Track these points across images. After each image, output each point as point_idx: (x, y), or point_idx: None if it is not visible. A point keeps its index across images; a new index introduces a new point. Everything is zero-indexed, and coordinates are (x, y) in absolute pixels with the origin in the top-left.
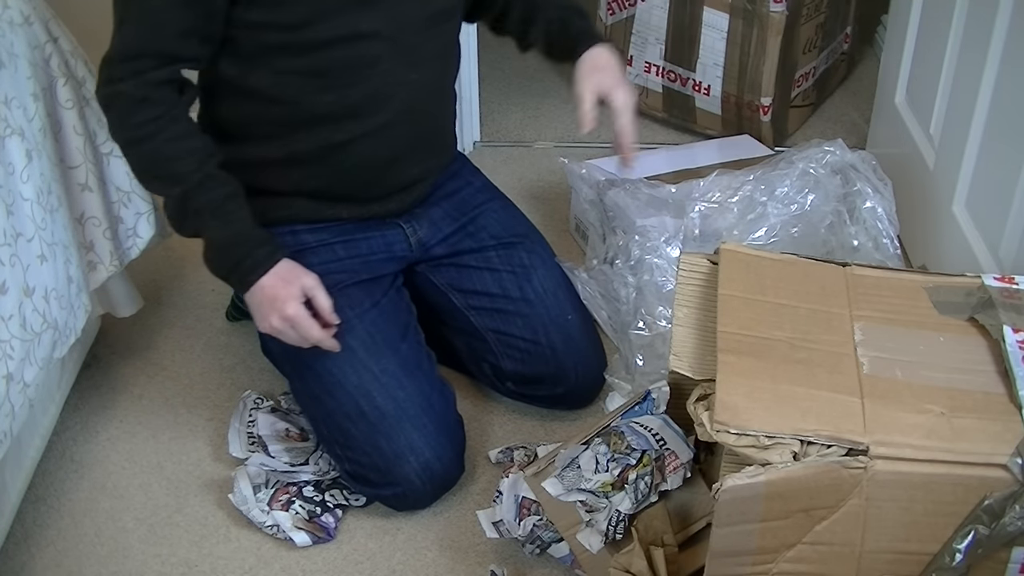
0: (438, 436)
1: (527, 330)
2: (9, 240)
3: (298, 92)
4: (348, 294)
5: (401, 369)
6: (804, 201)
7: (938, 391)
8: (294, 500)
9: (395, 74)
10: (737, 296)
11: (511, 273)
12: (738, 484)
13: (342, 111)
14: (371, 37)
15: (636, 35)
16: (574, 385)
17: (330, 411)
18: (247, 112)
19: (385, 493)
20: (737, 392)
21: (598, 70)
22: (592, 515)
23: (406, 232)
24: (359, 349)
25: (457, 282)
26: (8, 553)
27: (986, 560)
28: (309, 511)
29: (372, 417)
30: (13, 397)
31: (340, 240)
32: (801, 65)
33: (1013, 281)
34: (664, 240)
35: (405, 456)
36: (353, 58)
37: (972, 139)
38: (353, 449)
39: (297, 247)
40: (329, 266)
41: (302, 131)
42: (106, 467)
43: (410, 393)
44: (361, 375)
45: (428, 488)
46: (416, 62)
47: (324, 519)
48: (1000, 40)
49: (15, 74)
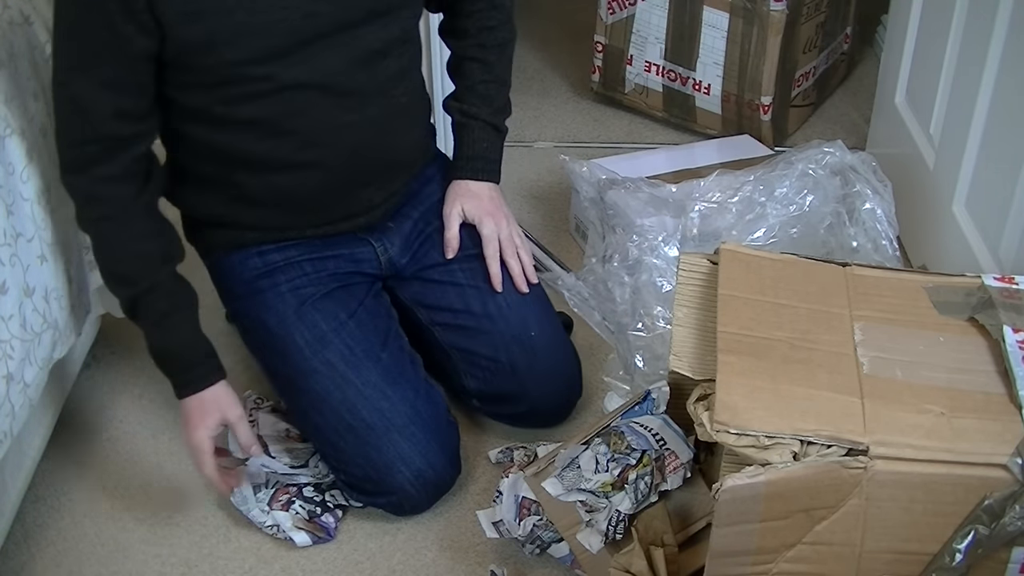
0: (428, 443)
1: (488, 347)
2: (9, 240)
3: (232, 141)
4: (322, 308)
5: (384, 379)
6: (803, 202)
7: (938, 391)
8: (294, 500)
9: (329, 120)
10: (737, 296)
11: (475, 288)
12: (738, 484)
13: (280, 159)
14: (294, 88)
15: (636, 34)
16: (536, 404)
17: (318, 426)
18: (192, 156)
19: (381, 501)
20: (737, 392)
21: (471, 197)
22: (592, 515)
23: (376, 251)
24: (339, 364)
25: (422, 297)
26: (8, 553)
27: (986, 560)
28: (309, 511)
29: (360, 431)
30: (13, 397)
31: (308, 258)
32: (801, 65)
33: (1013, 281)
34: (662, 240)
35: (396, 467)
36: (279, 109)
37: (972, 139)
38: (345, 462)
39: (265, 268)
40: (297, 282)
41: (245, 175)
42: (106, 467)
43: (395, 403)
44: (344, 390)
45: (423, 495)
46: (352, 106)
47: (324, 519)
48: (1000, 40)
49: (15, 74)
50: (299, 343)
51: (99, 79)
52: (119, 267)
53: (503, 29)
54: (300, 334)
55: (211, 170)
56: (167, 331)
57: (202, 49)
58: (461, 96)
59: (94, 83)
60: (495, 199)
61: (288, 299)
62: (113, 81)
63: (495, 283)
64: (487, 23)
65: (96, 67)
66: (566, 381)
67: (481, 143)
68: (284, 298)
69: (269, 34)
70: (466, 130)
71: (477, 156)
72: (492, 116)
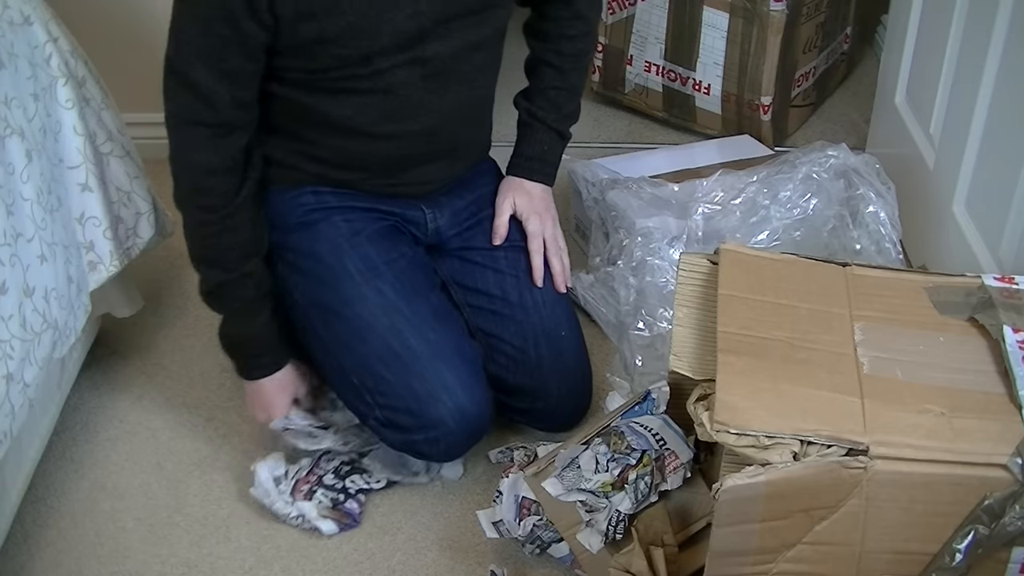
0: (472, 377)
1: (517, 337)
2: (9, 240)
3: (315, 103)
4: (375, 242)
5: (432, 314)
6: (807, 205)
7: (938, 391)
8: (315, 489)
9: (414, 99)
10: (737, 296)
11: (514, 277)
12: (738, 484)
13: (357, 128)
14: (388, 70)
15: (636, 34)
16: (555, 403)
17: (361, 356)
18: (267, 106)
19: (418, 438)
20: (737, 392)
21: (523, 193)
22: (592, 515)
23: (427, 216)
24: (389, 292)
25: (460, 276)
26: (8, 553)
27: (986, 560)
28: (332, 499)
29: (405, 358)
30: (13, 397)
31: (361, 205)
32: (801, 65)
33: (1013, 281)
34: (667, 242)
35: (439, 396)
36: (369, 85)
37: (972, 139)
38: (385, 394)
39: (318, 204)
40: (350, 215)
41: (318, 134)
42: (106, 467)
43: (442, 336)
44: (392, 317)
45: (461, 430)
46: (437, 89)
47: (348, 505)
48: (1000, 40)
49: (15, 74)
50: (351, 270)
51: (220, 69)
52: (214, 253)
53: (583, 40)
54: (352, 262)
55: (285, 121)
56: (250, 317)
57: (313, 44)
58: (531, 97)
59: (215, 73)
60: (546, 200)
61: (342, 228)
62: (233, 71)
63: (536, 276)
64: (568, 31)
65: (219, 58)
66: (582, 389)
67: (542, 145)
68: (338, 227)
69: (377, 33)
70: (530, 130)
71: (535, 157)
72: (557, 122)
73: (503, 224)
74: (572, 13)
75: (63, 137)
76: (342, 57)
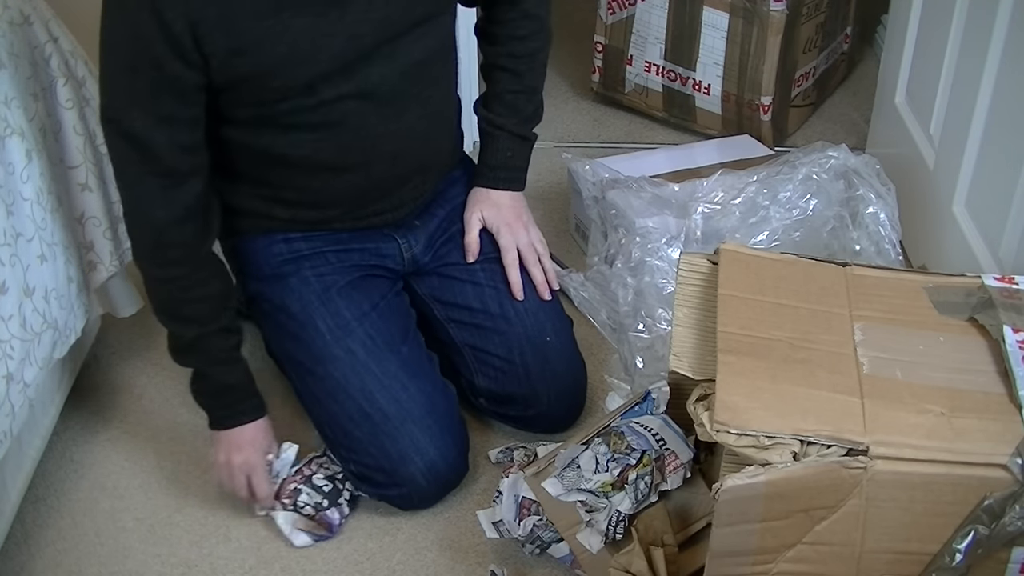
0: (442, 436)
1: (502, 348)
2: (9, 240)
3: (271, 145)
4: (346, 296)
5: (403, 370)
6: (807, 206)
7: (938, 391)
8: (301, 489)
9: (369, 128)
10: (737, 296)
11: (494, 289)
12: (738, 484)
13: (318, 163)
14: (337, 100)
15: (636, 34)
16: (546, 408)
17: (333, 414)
18: (226, 152)
19: (390, 494)
20: (737, 392)
21: (491, 205)
22: (592, 515)
23: (401, 247)
24: (359, 351)
25: (439, 293)
26: (8, 553)
27: (986, 560)
28: (316, 504)
29: (376, 419)
30: (13, 397)
31: (333, 248)
32: (801, 65)
33: (1013, 281)
34: (665, 241)
35: (410, 457)
36: (321, 120)
37: (972, 139)
38: (357, 451)
39: (290, 254)
40: (322, 269)
41: (280, 175)
42: (106, 467)
43: (413, 394)
44: (363, 377)
45: (433, 488)
46: (392, 114)
47: (329, 514)
48: (1000, 40)
49: (15, 74)
50: (321, 329)
51: (156, 115)
52: (186, 309)
53: (535, 39)
54: (323, 320)
55: (246, 167)
56: (228, 368)
57: (250, 78)
58: (489, 104)
59: (151, 119)
60: (515, 207)
61: (313, 284)
62: (169, 116)
63: (515, 291)
64: (518, 32)
65: (151, 103)
66: (574, 390)
67: (505, 152)
68: (309, 283)
69: (314, 61)
70: (491, 139)
71: (499, 166)
72: (518, 127)
73: (473, 241)
74: (520, 13)
75: (63, 137)
76: (284, 89)
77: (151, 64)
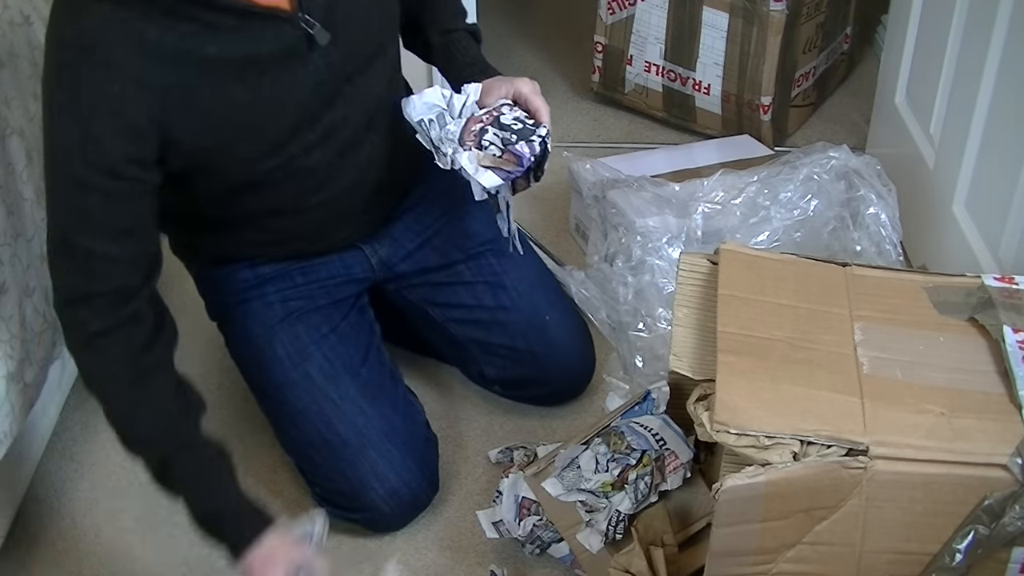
0: (404, 461)
1: (505, 337)
2: (9, 240)
3: (230, 203)
4: (306, 321)
5: (361, 394)
6: (807, 207)
7: (938, 391)
8: (487, 129)
9: (330, 167)
10: (737, 296)
11: (484, 283)
12: (738, 484)
13: (280, 208)
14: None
15: (636, 35)
16: (558, 385)
17: (292, 438)
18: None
19: (355, 517)
20: (737, 392)
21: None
22: (592, 515)
23: (366, 253)
24: (317, 376)
25: (432, 297)
26: (8, 553)
27: (986, 560)
28: (503, 139)
29: (334, 445)
30: (13, 397)
31: (298, 267)
32: (801, 65)
33: (1013, 281)
34: (666, 241)
35: (370, 483)
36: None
37: (972, 139)
38: (319, 476)
39: (256, 280)
40: (287, 293)
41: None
42: (106, 467)
43: (371, 418)
44: (321, 404)
45: (396, 513)
46: (350, 149)
47: (519, 147)
48: (1000, 40)
49: (15, 74)
50: (279, 354)
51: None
52: (139, 429)
53: None
54: (281, 345)
55: (206, 214)
56: (209, 489)
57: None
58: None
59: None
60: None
61: (276, 309)
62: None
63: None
64: None
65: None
66: (582, 357)
67: (469, 51)
68: (272, 308)
69: (276, 119)
70: (451, 45)
71: (472, 63)
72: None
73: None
74: None
75: None
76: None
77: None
